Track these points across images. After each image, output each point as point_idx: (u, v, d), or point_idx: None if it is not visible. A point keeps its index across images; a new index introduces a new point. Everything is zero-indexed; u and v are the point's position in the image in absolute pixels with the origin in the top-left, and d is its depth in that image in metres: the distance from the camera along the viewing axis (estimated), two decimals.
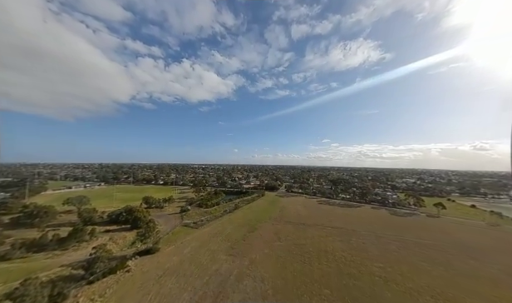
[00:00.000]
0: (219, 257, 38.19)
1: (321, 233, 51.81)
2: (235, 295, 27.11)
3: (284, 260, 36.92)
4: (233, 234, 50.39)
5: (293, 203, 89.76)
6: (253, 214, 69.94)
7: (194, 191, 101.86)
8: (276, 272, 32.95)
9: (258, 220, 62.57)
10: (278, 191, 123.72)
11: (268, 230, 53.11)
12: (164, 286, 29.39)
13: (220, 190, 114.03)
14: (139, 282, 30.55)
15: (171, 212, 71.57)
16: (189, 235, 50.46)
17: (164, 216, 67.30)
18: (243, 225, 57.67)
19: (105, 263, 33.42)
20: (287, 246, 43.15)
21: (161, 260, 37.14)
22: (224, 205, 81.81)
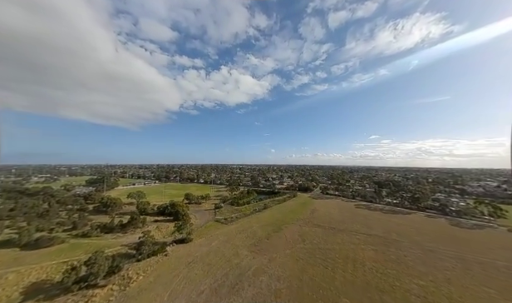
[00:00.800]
0: (241, 252, 40.48)
1: (352, 239, 47.53)
2: (249, 289, 28.58)
3: (305, 263, 36.03)
4: (258, 232, 52.03)
5: (326, 206, 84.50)
6: (281, 214, 69.86)
7: (228, 190, 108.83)
8: (293, 273, 32.67)
9: (285, 220, 62.19)
10: (311, 192, 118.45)
11: (293, 232, 52.36)
12: (192, 271, 33.56)
13: (253, 189, 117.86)
14: (173, 265, 35.86)
15: (207, 208, 79.00)
16: (219, 229, 54.93)
17: (200, 211, 75.02)
18: (270, 224, 58.54)
19: (150, 246, 40.50)
20: (310, 250, 41.73)
21: (192, 249, 42.19)
22: (254, 204, 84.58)
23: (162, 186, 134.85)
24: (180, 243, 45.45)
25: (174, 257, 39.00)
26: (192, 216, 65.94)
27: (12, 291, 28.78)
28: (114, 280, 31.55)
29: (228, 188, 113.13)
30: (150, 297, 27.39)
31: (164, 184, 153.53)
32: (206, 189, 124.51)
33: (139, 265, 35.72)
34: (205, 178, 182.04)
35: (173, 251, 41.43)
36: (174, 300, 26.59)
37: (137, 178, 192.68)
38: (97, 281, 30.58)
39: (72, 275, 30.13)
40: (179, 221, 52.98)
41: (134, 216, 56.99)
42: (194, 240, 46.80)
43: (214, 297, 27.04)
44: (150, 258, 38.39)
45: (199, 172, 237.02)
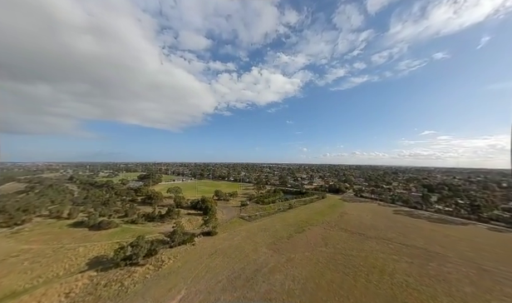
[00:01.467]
0: (260, 249, 41.80)
1: (383, 248, 43.11)
2: (263, 285, 29.63)
3: (324, 267, 34.87)
4: (279, 231, 52.39)
5: (358, 209, 77.89)
6: (305, 215, 68.13)
7: (254, 188, 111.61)
8: (310, 276, 32.13)
9: (310, 222, 60.49)
10: (343, 194, 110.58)
11: (316, 234, 50.72)
12: (213, 261, 36.70)
13: (279, 189, 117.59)
14: (198, 254, 39.85)
15: (234, 205, 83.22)
16: (242, 226, 57.56)
17: (227, 207, 79.63)
18: (293, 224, 58.02)
19: (181, 236, 45.80)
20: (332, 254, 39.92)
21: (216, 242, 45.74)
22: (279, 203, 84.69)
23: (196, 183, 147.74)
24: (207, 235, 49.79)
25: (200, 247, 43.19)
26: (219, 212, 70.75)
27: (81, 261, 37.27)
28: (150, 261, 37.21)
29: (255, 186, 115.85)
30: (176, 279, 31.44)
31: (198, 181, 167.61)
32: (235, 187, 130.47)
33: (171, 251, 41.01)
34: (235, 176, 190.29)
35: (199, 242, 45.82)
36: (196, 285, 29.83)
37: (177, 175, 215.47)
38: (138, 260, 36.65)
39: (121, 254, 36.90)
40: (207, 216, 57.81)
41: (170, 209, 64.91)
42: (218, 234, 50.52)
43: (230, 287, 29.14)
44: (180, 246, 43.54)
45: (230, 171, 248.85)
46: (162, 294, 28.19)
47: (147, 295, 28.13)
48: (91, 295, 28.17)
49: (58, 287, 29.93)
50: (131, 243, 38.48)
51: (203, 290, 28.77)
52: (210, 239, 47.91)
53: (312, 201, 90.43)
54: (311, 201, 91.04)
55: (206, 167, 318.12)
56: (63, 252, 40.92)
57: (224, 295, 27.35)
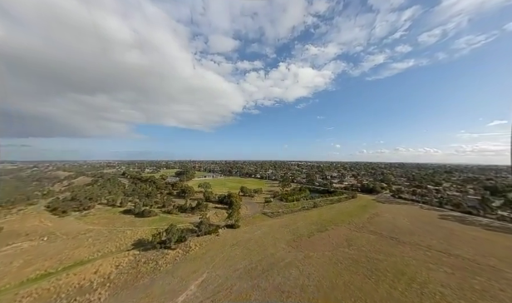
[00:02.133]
0: (279, 245, 42.65)
1: (418, 255, 38.60)
2: (277, 277, 30.60)
3: (343, 268, 33.62)
4: (300, 229, 52.02)
5: (394, 212, 70.30)
6: (330, 215, 65.35)
7: (279, 186, 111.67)
8: (327, 275, 31.54)
9: (334, 222, 57.96)
10: (378, 194, 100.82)
11: (339, 234, 48.55)
12: (233, 252, 39.37)
13: (306, 187, 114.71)
14: (221, 244, 43.21)
15: (258, 201, 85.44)
16: (264, 221, 59.12)
17: (252, 203, 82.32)
18: (315, 223, 56.67)
19: (206, 227, 50.23)
20: (355, 256, 37.92)
21: (238, 235, 48.52)
22: (303, 201, 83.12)
23: (224, 180, 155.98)
24: (230, 228, 53.14)
25: (223, 238, 46.62)
26: (243, 207, 73.95)
27: (128, 241, 44.83)
28: (180, 246, 42.17)
29: (281, 184, 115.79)
30: (200, 264, 35.11)
31: (227, 178, 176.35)
32: (261, 184, 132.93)
33: (197, 239, 45.52)
34: (262, 174, 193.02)
35: (223, 233, 49.36)
36: (216, 271, 32.81)
37: (208, 172, 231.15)
38: (170, 245, 42.00)
39: (157, 238, 42.98)
40: (231, 210, 61.38)
41: (200, 202, 71.13)
42: (241, 227, 53.31)
43: (246, 276, 31.09)
44: (206, 235, 47.84)
45: (258, 168, 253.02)
46: (187, 274, 32.06)
47: (175, 274, 32.42)
48: (133, 269, 34.05)
49: (111, 260, 37.03)
50: (165, 230, 44.30)
51: (222, 275, 31.51)
52: (233, 231, 51.03)
53: (340, 201, 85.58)
54: (338, 200, 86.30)
55: (235, 165, 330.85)
56: (115, 233, 49.85)
57: (240, 283, 29.44)
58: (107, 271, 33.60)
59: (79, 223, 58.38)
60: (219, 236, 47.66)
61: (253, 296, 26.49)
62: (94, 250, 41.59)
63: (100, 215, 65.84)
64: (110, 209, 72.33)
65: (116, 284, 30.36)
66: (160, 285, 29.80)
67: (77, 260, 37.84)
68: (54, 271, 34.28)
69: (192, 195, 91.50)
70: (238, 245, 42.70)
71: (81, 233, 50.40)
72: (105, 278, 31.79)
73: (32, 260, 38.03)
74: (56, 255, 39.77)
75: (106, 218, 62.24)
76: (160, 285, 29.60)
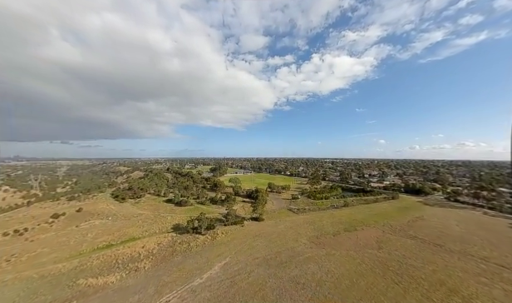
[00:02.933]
0: (300, 240, 42.70)
1: (468, 267, 32.82)
2: (295, 270, 31.20)
3: (367, 270, 31.63)
4: (326, 227, 50.43)
5: (445, 216, 60.01)
6: (362, 215, 60.61)
7: (307, 183, 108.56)
8: (348, 274, 30.36)
9: (366, 222, 53.76)
10: (427, 196, 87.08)
11: (369, 236, 45.05)
12: (255, 242, 41.59)
13: (338, 185, 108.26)
14: (244, 234, 46.07)
15: (284, 197, 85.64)
16: (289, 217, 59.45)
17: (278, 199, 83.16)
18: (343, 222, 53.82)
19: (233, 218, 54.00)
20: (384, 259, 34.95)
21: (261, 227, 50.56)
22: (333, 200, 79.12)
23: (254, 176, 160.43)
24: (255, 220, 55.65)
25: (247, 229, 49.43)
26: (269, 202, 75.59)
27: (168, 225, 52.31)
28: (209, 233, 46.85)
29: (309, 181, 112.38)
30: (225, 249, 38.58)
31: (257, 174, 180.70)
32: (289, 181, 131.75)
33: (224, 228, 49.58)
34: (292, 171, 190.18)
35: (247, 225, 52.22)
36: (238, 256, 35.59)
37: (240, 168, 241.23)
38: (201, 231, 47.13)
39: (191, 224, 48.82)
40: (256, 203, 63.88)
41: (228, 195, 76.22)
42: (265, 221, 55.20)
43: (264, 264, 32.78)
44: (232, 225, 51.58)
45: (288, 165, 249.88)
46: (213, 257, 35.84)
47: (203, 255, 36.66)
48: (170, 248, 40.02)
49: (154, 239, 44.24)
50: (197, 218, 49.88)
51: (242, 261, 34.06)
52: (257, 224, 53.34)
53: (377, 201, 77.86)
54: (375, 200, 78.70)
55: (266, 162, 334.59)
56: (159, 218, 58.65)
57: (258, 269, 31.34)
58: (151, 247, 40.48)
59: (133, 208, 70.76)
60: (244, 227, 50.67)
61: (268, 283, 28.01)
62: (143, 230, 50.28)
63: (149, 202, 78.01)
64: (156, 198, 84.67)
65: (157, 257, 36.49)
66: (190, 262, 34.37)
67: (130, 236, 46.62)
68: (114, 243, 43.30)
69: (223, 189, 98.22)
70: (261, 236, 44.68)
71: (134, 216, 61.25)
72: (149, 252, 38.48)
73: (100, 233, 48.76)
74: (117, 231, 49.82)
75: (153, 205, 73.44)
76: (190, 263, 34.18)
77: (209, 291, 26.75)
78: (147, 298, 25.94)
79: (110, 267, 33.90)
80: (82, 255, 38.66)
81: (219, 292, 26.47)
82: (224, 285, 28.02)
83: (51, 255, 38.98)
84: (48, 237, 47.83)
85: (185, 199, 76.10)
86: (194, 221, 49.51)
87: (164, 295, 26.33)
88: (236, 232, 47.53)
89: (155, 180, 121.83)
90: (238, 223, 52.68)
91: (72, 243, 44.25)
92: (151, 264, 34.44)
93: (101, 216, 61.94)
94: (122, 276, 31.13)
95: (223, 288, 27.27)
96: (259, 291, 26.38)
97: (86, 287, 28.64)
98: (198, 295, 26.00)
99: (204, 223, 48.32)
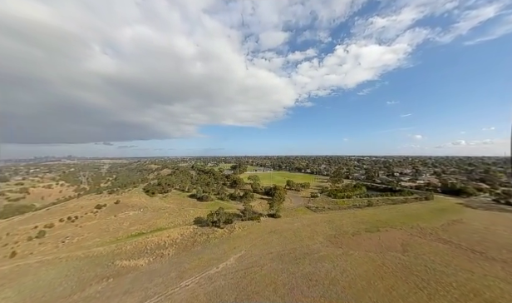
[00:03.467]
0: (317, 238, 41.99)
1: None
2: (308, 267, 31.06)
3: (388, 273, 29.78)
4: (345, 226, 48.48)
5: (490, 221, 52.10)
6: (388, 216, 56.42)
7: (328, 181, 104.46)
8: (365, 275, 29.05)
9: (391, 224, 50.03)
10: (470, 197, 76.36)
11: (394, 238, 41.95)
12: (270, 237, 42.31)
13: (363, 184, 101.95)
14: (260, 229, 47.13)
15: (303, 195, 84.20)
16: (306, 215, 58.58)
17: (297, 197, 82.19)
18: (365, 223, 50.98)
19: (250, 214, 55.55)
20: (408, 263, 32.40)
21: (277, 224, 50.99)
22: (355, 199, 75.03)
23: (273, 174, 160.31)
24: (271, 217, 56.28)
25: (263, 225, 50.40)
26: (287, 200, 75.27)
27: (190, 218, 56.30)
28: (227, 227, 49.10)
29: (331, 179, 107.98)
30: (240, 243, 40.18)
31: (276, 172, 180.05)
32: (310, 178, 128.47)
33: (241, 223, 51.37)
34: (313, 169, 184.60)
35: (264, 221, 53.15)
36: (252, 250, 36.80)
37: (260, 166, 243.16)
38: (220, 225, 49.67)
39: (210, 218, 51.80)
40: (273, 201, 64.33)
41: (246, 192, 78.15)
42: (281, 218, 55.42)
43: (277, 259, 33.31)
44: (249, 221, 53.12)
45: (309, 163, 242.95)
46: (229, 249, 37.69)
47: (220, 247, 38.81)
48: (192, 238, 43.23)
49: (178, 230, 48.19)
50: (216, 212, 52.63)
51: (256, 254, 35.15)
52: (273, 220, 53.88)
53: (407, 202, 71.32)
54: (404, 201, 72.22)
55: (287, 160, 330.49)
56: (183, 211, 63.37)
57: (271, 263, 32.05)
58: (175, 237, 44.30)
59: (161, 202, 77.61)
60: (260, 223, 51.73)
61: (280, 277, 28.54)
62: (168, 221, 55.09)
63: (174, 197, 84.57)
64: (181, 193, 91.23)
65: (179, 246, 39.87)
66: (208, 253, 36.77)
67: (158, 226, 51.57)
68: (145, 232, 48.47)
69: (242, 186, 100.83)
70: (276, 232, 45.18)
71: (161, 209, 67.27)
72: (173, 241, 42.20)
73: (134, 223, 54.93)
74: (147, 221, 55.54)
75: (178, 200, 79.46)
76: (208, 253, 36.59)
77: (224, 280, 28.48)
78: (169, 281, 28.82)
79: (140, 252, 38.31)
80: (119, 241, 44.32)
81: (233, 281, 27.99)
82: (238, 275, 29.46)
83: (95, 240, 45.60)
84: (93, 224, 55.79)
85: (207, 194, 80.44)
86: (214, 215, 52.32)
87: (184, 279, 28.91)
88: (252, 227, 48.87)
89: (181, 176, 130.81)
90: (255, 219, 53.95)
91: (111, 230, 50.92)
92: (174, 252, 37.85)
93: (135, 208, 69.46)
94: (150, 261, 34.98)
95: (236, 278, 28.73)
96: (271, 284, 27.11)
97: (120, 268, 33.04)
98: (213, 283, 27.92)
99: (222, 217, 50.80)
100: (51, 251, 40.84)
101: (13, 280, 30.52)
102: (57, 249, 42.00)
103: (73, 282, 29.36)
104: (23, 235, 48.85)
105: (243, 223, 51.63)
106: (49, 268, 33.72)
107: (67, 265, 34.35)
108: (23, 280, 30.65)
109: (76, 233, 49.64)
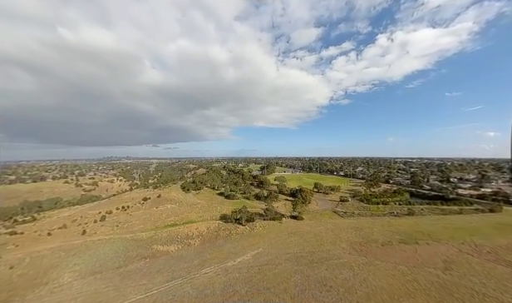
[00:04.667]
0: (339, 244, 39.78)
1: None
2: (325, 272, 30.04)
3: (419, 290, 26.22)
4: (375, 235, 44.24)
5: None
6: (433, 227, 48.52)
7: (362, 185, 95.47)
8: (389, 288, 26.35)
9: (436, 236, 43.02)
10: None
11: (435, 252, 36.15)
12: (289, 238, 42.30)
13: (406, 190, 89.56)
14: (280, 230, 47.50)
15: (332, 199, 79.66)
16: (332, 219, 55.68)
17: (324, 200, 78.39)
18: (400, 233, 45.28)
19: (272, 213, 56.32)
20: (448, 283, 27.69)
21: (299, 226, 50.28)
22: (394, 206, 66.77)
23: (302, 175, 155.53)
24: (294, 219, 55.71)
25: (284, 226, 50.49)
26: (313, 203, 72.73)
27: (217, 214, 60.65)
28: (249, 224, 51.15)
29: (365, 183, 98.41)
30: (259, 240, 41.52)
31: (306, 174, 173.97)
32: (342, 182, 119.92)
33: (263, 222, 52.64)
34: (347, 171, 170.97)
35: (285, 222, 53.11)
36: (270, 249, 37.64)
37: (289, 168, 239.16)
38: (242, 222, 52.10)
39: (234, 215, 54.87)
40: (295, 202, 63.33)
41: (271, 192, 78.98)
42: (304, 220, 54.29)
43: (293, 260, 33.24)
44: (270, 221, 53.97)
45: (344, 165, 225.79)
46: (248, 246, 39.48)
47: (240, 243, 41.01)
48: (216, 232, 46.93)
49: (205, 224, 52.80)
50: (239, 210, 55.41)
51: (273, 253, 35.86)
52: (295, 222, 53.26)
53: (462, 213, 59.56)
54: (458, 211, 60.49)
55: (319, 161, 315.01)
56: (211, 207, 68.69)
57: (286, 264, 32.27)
58: (202, 230, 48.82)
59: (194, 198, 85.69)
60: (281, 224, 51.92)
61: (293, 278, 28.58)
62: (198, 215, 60.76)
63: (205, 194, 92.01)
64: (212, 191, 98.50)
65: (205, 238, 43.89)
66: (228, 247, 39.40)
67: (189, 219, 57.52)
68: (178, 223, 54.85)
69: (268, 186, 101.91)
70: (296, 234, 44.70)
71: (193, 204, 74.42)
72: (200, 233, 46.65)
73: (170, 215, 62.63)
74: (180, 214, 62.52)
75: (208, 197, 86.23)
76: (228, 247, 39.24)
77: (239, 273, 30.29)
78: (192, 267, 32.39)
79: (172, 240, 43.87)
80: (157, 229, 51.55)
81: (247, 275, 29.51)
82: (252, 270, 30.84)
83: (139, 226, 54.17)
84: (139, 213, 66.11)
85: (233, 193, 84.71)
86: (237, 212, 55.20)
87: (205, 268, 32.01)
88: (273, 227, 49.55)
89: (212, 175, 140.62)
90: (277, 219, 54.39)
91: (152, 219, 59.44)
92: (200, 242, 41.94)
93: (172, 202, 78.82)
94: (179, 248, 39.81)
95: (250, 273, 30.16)
96: (283, 283, 27.50)
97: (156, 251, 38.73)
98: (229, 274, 30.06)
99: (244, 215, 53.16)
100: (108, 232, 50.67)
101: (82, 252, 39.50)
102: (113, 231, 51.78)
103: (121, 258, 36.13)
104: (91, 219, 61.81)
105: (265, 222, 52.76)
106: (106, 245, 42.16)
107: (118, 244, 42.23)
108: (88, 252, 39.34)
109: (126, 220, 59.91)
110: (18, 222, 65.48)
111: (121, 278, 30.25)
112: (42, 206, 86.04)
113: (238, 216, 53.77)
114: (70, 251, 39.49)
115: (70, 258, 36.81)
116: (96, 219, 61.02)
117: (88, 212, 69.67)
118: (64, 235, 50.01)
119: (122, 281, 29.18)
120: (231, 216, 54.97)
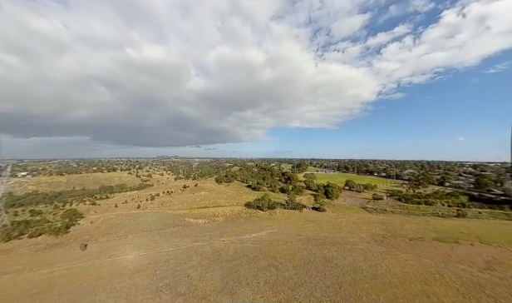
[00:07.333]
0: (358, 234, 38.44)
1: None
2: (334, 253, 30.42)
3: (440, 281, 23.94)
4: (404, 230, 40.41)
5: None
6: (487, 230, 40.31)
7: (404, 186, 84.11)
8: (401, 274, 25.02)
9: (486, 239, 36.01)
10: None
11: (478, 253, 30.90)
12: (306, 224, 43.27)
13: (464, 193, 74.92)
14: (299, 217, 48.70)
15: (364, 197, 73.99)
16: (358, 214, 52.92)
17: (355, 197, 73.69)
18: (439, 231, 39.79)
19: (293, 203, 57.57)
20: (482, 281, 24.03)
21: (318, 216, 50.13)
22: (440, 207, 57.58)
23: (336, 175, 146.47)
24: (315, 210, 55.48)
25: (303, 215, 51.32)
26: (341, 198, 69.68)
27: (243, 201, 65.79)
28: (269, 211, 54.03)
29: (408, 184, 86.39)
30: (275, 223, 44.08)
31: (341, 174, 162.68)
32: (381, 182, 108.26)
33: (283, 211, 54.67)
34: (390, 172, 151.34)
35: (306, 212, 53.66)
36: (284, 230, 39.80)
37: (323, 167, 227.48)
38: (263, 209, 55.42)
39: (256, 203, 58.73)
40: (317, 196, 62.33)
41: (295, 186, 79.35)
42: (326, 212, 53.45)
43: (304, 241, 34.54)
44: (291, 210, 55.41)
45: (389, 167, 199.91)
46: (264, 226, 42.53)
47: (258, 223, 44.53)
48: (238, 215, 51.81)
49: (230, 208, 58.46)
50: (261, 198, 58.93)
51: (286, 234, 37.93)
52: (316, 213, 53.10)
53: None
54: None
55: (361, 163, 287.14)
56: (238, 196, 74.48)
57: (295, 243, 33.91)
58: (227, 212, 54.53)
59: (224, 188, 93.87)
60: (301, 213, 52.74)
61: (299, 254, 30.12)
62: (226, 201, 67.28)
63: (235, 186, 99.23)
64: (241, 183, 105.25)
65: (228, 217, 49.26)
66: (247, 225, 43.42)
67: (218, 204, 64.50)
68: (208, 206, 62.41)
69: (295, 182, 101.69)
70: (314, 222, 45.08)
71: (223, 193, 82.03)
72: (225, 214, 52.37)
73: (203, 199, 71.33)
74: (211, 199, 70.44)
75: (237, 188, 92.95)
76: (246, 226, 43.28)
77: (252, 244, 33.77)
78: (214, 235, 37.74)
79: (201, 216, 50.94)
80: (191, 209, 60.17)
81: (258, 247, 32.69)
82: (264, 244, 33.81)
83: (178, 206, 64.16)
84: (179, 197, 77.56)
85: (260, 185, 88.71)
86: (260, 200, 58.85)
87: (223, 237, 36.88)
88: (292, 215, 51.00)
89: (244, 171, 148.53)
90: (297, 209, 55.36)
91: (188, 201, 69.15)
92: (223, 220, 47.48)
93: (206, 190, 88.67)
94: (206, 222, 46.24)
95: (261, 245, 33.23)
96: (289, 255, 29.50)
97: (187, 222, 46.17)
98: (243, 244, 33.90)
99: (265, 203, 56.33)
100: (155, 208, 62.21)
101: (136, 218, 50.60)
102: (158, 207, 63.22)
103: (161, 224, 44.96)
104: (144, 198, 76.42)
105: (285, 211, 54.59)
106: (152, 215, 52.57)
107: (161, 216, 52.00)
108: (140, 219, 50.13)
109: (169, 201, 71.60)
110: (97, 198, 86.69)
111: (160, 236, 38.24)
112: (113, 189, 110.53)
113: (260, 203, 57.28)
114: (128, 217, 51.24)
115: (128, 221, 48.02)
116: (147, 199, 75.20)
117: (142, 194, 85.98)
118: (125, 207, 64.18)
119: (161, 238, 37.01)
120: (254, 203, 58.97)
